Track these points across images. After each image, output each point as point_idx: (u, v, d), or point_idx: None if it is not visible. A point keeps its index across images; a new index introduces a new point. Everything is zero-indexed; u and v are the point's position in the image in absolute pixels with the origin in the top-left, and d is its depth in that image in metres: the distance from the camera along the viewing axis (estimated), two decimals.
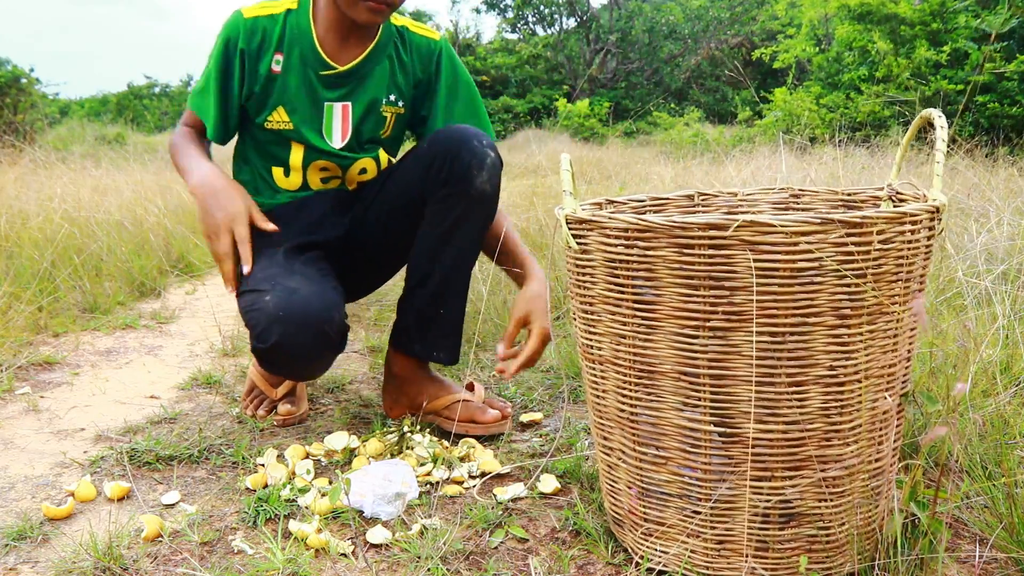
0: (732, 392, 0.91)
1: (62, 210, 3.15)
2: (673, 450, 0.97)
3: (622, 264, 0.94)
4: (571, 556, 1.10)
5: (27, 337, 2.16)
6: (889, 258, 0.89)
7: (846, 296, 0.88)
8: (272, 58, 1.49)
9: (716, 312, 0.89)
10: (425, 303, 1.49)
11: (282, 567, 1.05)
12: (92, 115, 22.33)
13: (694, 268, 0.88)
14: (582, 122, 12.56)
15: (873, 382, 0.93)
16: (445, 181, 1.43)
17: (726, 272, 0.87)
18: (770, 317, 0.88)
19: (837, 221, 0.85)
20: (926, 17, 6.46)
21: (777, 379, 0.90)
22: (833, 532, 0.96)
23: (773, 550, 0.96)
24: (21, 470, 1.40)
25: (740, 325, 0.89)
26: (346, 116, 1.54)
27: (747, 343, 0.89)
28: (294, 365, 1.40)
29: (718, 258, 0.87)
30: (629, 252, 0.92)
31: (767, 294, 0.87)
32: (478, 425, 1.51)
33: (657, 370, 0.95)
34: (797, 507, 0.94)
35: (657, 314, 0.93)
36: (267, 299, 1.34)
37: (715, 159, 5.67)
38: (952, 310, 1.77)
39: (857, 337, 0.90)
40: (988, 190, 2.94)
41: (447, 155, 1.42)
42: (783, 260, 0.85)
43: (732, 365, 0.90)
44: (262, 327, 1.34)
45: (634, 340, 0.96)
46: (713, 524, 0.97)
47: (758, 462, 0.93)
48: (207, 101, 1.52)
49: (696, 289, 0.89)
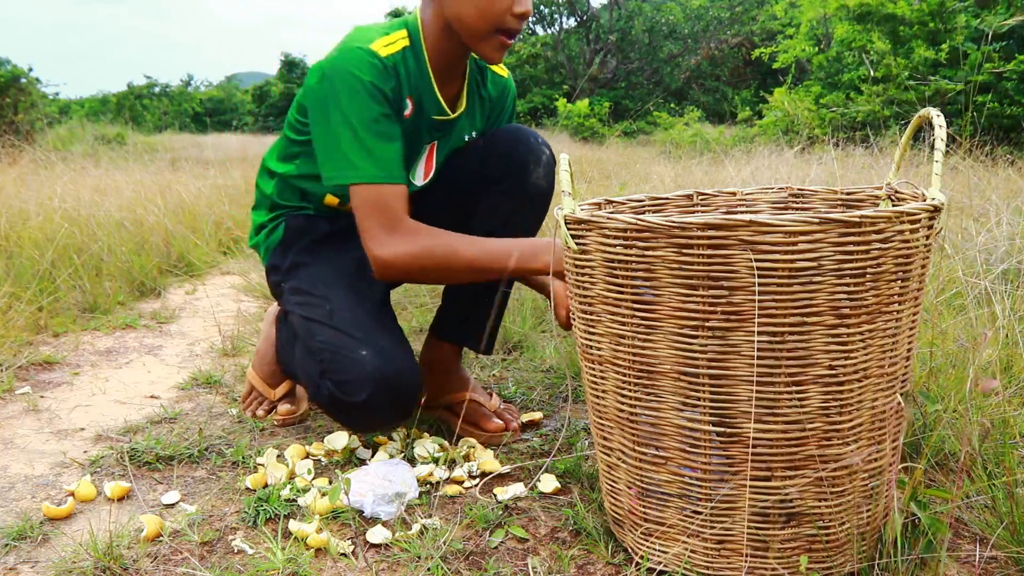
0: (732, 392, 0.91)
1: (62, 210, 3.15)
2: (673, 450, 0.97)
3: (621, 264, 0.94)
4: (571, 556, 1.10)
5: (27, 337, 2.16)
6: (888, 257, 0.89)
7: (845, 295, 0.88)
8: (405, 103, 1.34)
9: (715, 312, 0.89)
10: (472, 297, 1.52)
11: (282, 567, 1.05)
12: (92, 115, 22.33)
13: (693, 268, 0.88)
14: (582, 122, 12.57)
15: (873, 381, 0.93)
16: (501, 176, 1.43)
17: (725, 272, 0.87)
18: (770, 316, 0.88)
19: (836, 221, 0.85)
20: (925, 17, 6.46)
21: (777, 378, 0.90)
22: (833, 531, 0.96)
23: (773, 549, 0.96)
24: (21, 470, 1.40)
25: (739, 325, 0.89)
26: (432, 155, 1.46)
27: (746, 343, 0.89)
28: (367, 424, 1.37)
29: (717, 258, 0.87)
30: (628, 252, 0.92)
31: (766, 293, 0.87)
32: (480, 432, 1.51)
33: (656, 370, 0.95)
34: (797, 506, 0.95)
35: (656, 314, 0.93)
36: (364, 354, 1.28)
37: (715, 159, 5.67)
38: (952, 310, 1.77)
39: (856, 336, 0.90)
40: (988, 190, 2.95)
41: (504, 150, 1.43)
42: (782, 260, 0.86)
43: (732, 365, 0.90)
44: (353, 382, 1.28)
45: (633, 340, 0.96)
46: (713, 524, 0.97)
47: (758, 461, 0.93)
48: (389, 155, 1.27)
49: (695, 289, 0.89)
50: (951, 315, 1.70)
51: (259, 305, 2.67)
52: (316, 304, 1.39)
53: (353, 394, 1.29)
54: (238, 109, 30.03)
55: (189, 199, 3.87)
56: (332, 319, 1.35)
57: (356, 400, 1.29)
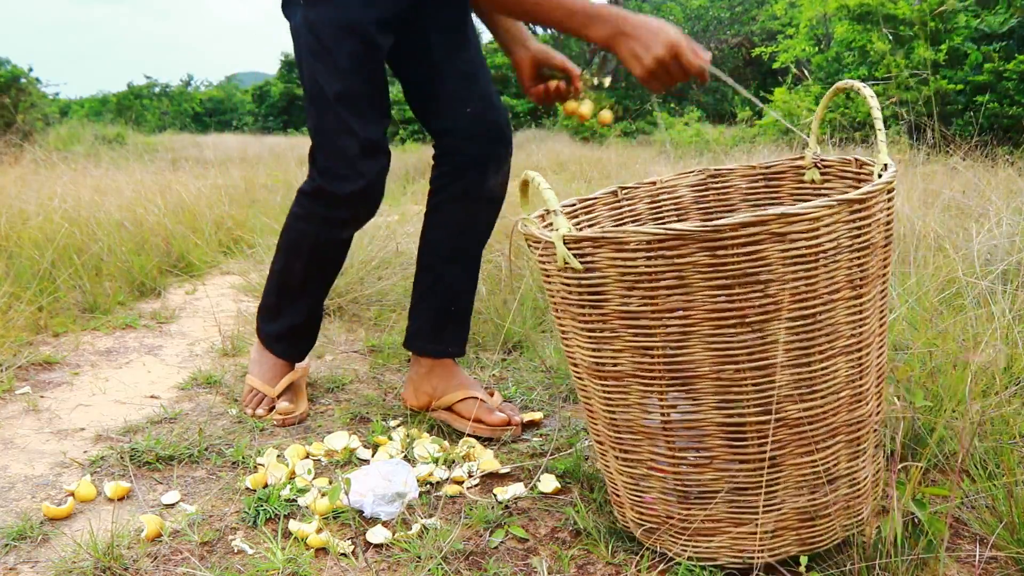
0: (772, 379, 0.94)
1: (62, 210, 3.15)
2: (717, 448, 0.98)
3: (645, 276, 0.93)
4: (571, 556, 1.10)
5: (27, 337, 2.16)
6: (880, 225, 0.97)
7: (858, 268, 0.95)
8: None
9: (752, 306, 0.91)
10: (438, 305, 1.57)
11: (282, 567, 1.05)
12: (92, 115, 22.33)
13: (728, 268, 0.90)
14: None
15: (876, 342, 1.01)
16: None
17: (760, 266, 0.90)
18: (802, 301, 0.92)
19: (848, 200, 0.91)
20: (925, 17, 6.46)
21: (812, 357, 0.94)
22: (858, 486, 1.03)
23: (818, 518, 1.00)
24: (21, 470, 1.40)
25: (775, 314, 0.92)
26: None
27: (783, 330, 0.92)
28: (336, 214, 1.48)
29: (752, 254, 0.89)
30: (653, 263, 0.92)
31: (798, 279, 0.91)
32: (484, 426, 1.51)
33: (695, 374, 0.96)
34: (835, 472, 0.99)
35: (691, 319, 0.93)
36: (356, 153, 1.40)
37: (715, 159, 5.67)
38: (952, 310, 1.77)
39: (868, 304, 0.97)
40: (988, 190, 2.94)
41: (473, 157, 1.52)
42: (808, 245, 0.90)
43: (770, 354, 0.93)
44: (340, 177, 1.41)
45: (665, 350, 0.95)
46: (768, 509, 0.99)
47: (803, 439, 0.96)
48: None
49: (730, 288, 0.91)
50: (951, 315, 1.70)
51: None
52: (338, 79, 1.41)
53: (338, 188, 1.43)
54: (238, 109, 30.02)
55: (189, 199, 3.87)
56: (346, 97, 1.41)
57: (340, 193, 1.42)
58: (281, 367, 1.67)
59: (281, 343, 1.66)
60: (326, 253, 1.58)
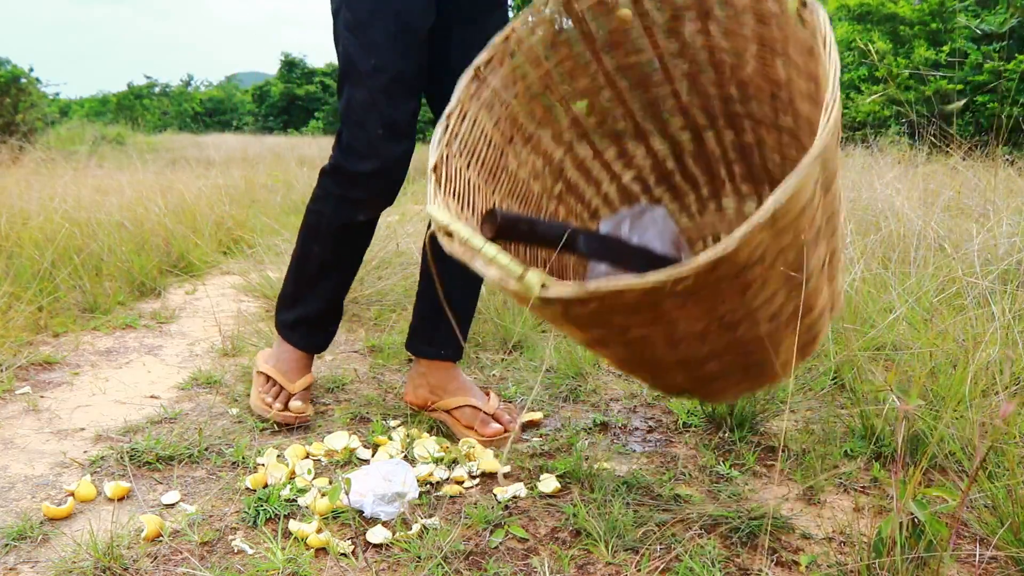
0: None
1: (62, 210, 3.15)
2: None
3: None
4: (571, 556, 1.10)
5: (27, 337, 2.16)
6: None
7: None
8: None
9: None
10: (434, 306, 1.58)
11: (282, 567, 1.05)
12: (92, 115, 22.32)
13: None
14: None
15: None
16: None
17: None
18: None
19: (820, 154, 0.82)
20: (925, 17, 6.46)
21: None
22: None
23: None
24: (21, 470, 1.40)
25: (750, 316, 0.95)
26: None
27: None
28: (352, 193, 1.49)
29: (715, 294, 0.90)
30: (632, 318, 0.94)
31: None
32: (477, 436, 1.51)
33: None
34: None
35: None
36: (379, 133, 1.40)
37: None
38: (952, 310, 1.77)
39: (835, 221, 1.02)
40: (988, 190, 2.94)
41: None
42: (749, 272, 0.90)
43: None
44: (359, 156, 1.43)
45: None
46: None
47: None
48: None
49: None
50: (951, 315, 1.70)
51: (259, 305, 2.68)
52: (370, 50, 1.41)
53: (358, 167, 1.45)
54: (238, 109, 30.04)
55: (190, 199, 3.87)
56: (372, 70, 1.41)
57: (359, 171, 1.44)
58: (299, 359, 1.64)
59: (297, 331, 1.63)
60: (343, 236, 1.56)
